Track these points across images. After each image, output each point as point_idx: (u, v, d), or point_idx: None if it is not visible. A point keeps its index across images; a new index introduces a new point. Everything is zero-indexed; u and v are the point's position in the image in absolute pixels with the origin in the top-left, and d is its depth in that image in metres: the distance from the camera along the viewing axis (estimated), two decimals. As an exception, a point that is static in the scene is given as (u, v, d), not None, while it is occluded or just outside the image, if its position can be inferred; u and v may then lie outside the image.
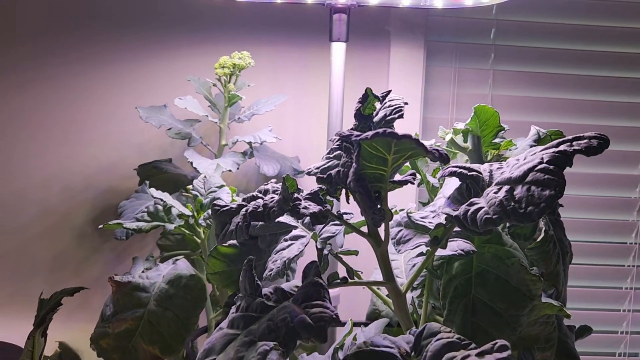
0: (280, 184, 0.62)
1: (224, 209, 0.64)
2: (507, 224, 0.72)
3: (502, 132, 0.86)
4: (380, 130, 0.53)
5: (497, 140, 0.86)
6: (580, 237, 1.29)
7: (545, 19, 1.25)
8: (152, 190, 0.87)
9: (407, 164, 0.88)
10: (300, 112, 1.21)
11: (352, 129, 0.66)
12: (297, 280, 0.63)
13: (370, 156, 0.58)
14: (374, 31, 1.20)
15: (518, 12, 1.23)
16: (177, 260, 0.91)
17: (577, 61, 1.26)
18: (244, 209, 0.61)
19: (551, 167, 0.57)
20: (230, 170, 1.01)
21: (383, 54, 1.21)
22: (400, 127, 0.81)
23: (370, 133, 0.54)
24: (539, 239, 0.77)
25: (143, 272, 0.91)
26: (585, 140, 0.59)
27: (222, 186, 0.89)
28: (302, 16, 1.18)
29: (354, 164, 0.57)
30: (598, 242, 1.31)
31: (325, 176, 0.60)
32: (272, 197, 0.61)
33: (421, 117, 1.22)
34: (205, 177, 0.91)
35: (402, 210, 0.76)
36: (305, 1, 1.01)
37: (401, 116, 0.67)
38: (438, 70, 1.23)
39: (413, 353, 0.55)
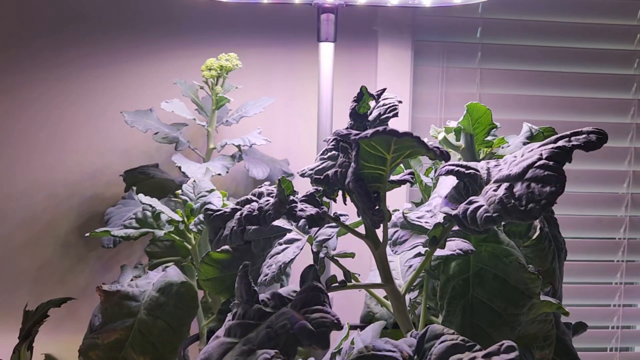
0: (275, 186, 0.60)
1: (217, 213, 0.63)
2: (503, 222, 0.72)
3: (495, 129, 0.85)
4: (380, 128, 0.52)
5: (489, 138, 0.85)
6: (570, 233, 1.29)
7: (531, 17, 1.25)
8: (141, 196, 0.85)
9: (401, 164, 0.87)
10: (289, 113, 1.19)
11: (347, 128, 0.65)
12: (293, 285, 0.61)
13: (369, 155, 0.57)
14: (361, 31, 1.19)
15: (504, 10, 1.23)
16: (167, 267, 0.89)
17: (563, 58, 1.26)
18: (238, 213, 0.60)
19: (551, 163, 0.57)
20: (219, 174, 0.99)
21: (371, 53, 1.20)
22: (390, 126, 0.81)
23: (370, 131, 0.52)
24: (534, 237, 0.76)
25: (132, 280, 0.88)
26: (584, 136, 0.58)
27: (212, 190, 0.87)
28: (290, 16, 1.17)
29: (352, 164, 0.55)
30: (587, 238, 1.32)
31: (322, 177, 0.59)
32: (267, 200, 0.60)
33: (410, 116, 1.21)
34: (194, 181, 0.89)
35: (396, 211, 0.75)
36: (293, 1, 0.99)
37: (396, 114, 0.66)
38: (426, 69, 1.23)
39: (416, 356, 0.54)
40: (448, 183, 0.71)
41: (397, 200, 1.13)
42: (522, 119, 1.20)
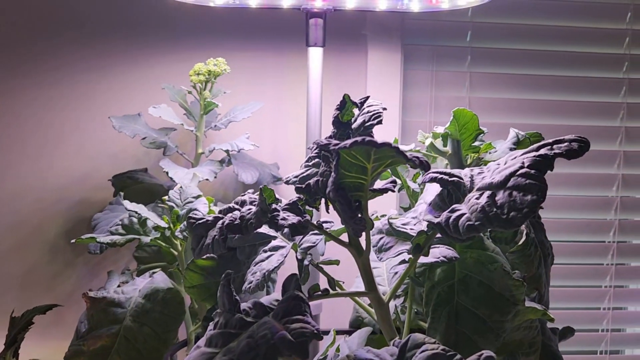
0: (258, 194, 0.60)
1: (200, 221, 0.62)
2: (491, 229, 0.72)
3: (482, 135, 0.85)
4: (359, 138, 0.52)
5: (476, 143, 0.85)
6: (559, 237, 1.29)
7: (521, 21, 1.25)
8: (126, 202, 0.85)
9: (388, 169, 0.87)
10: (278, 118, 1.19)
11: (330, 136, 0.65)
12: (277, 294, 0.61)
13: (350, 165, 0.56)
14: (351, 35, 1.19)
15: (493, 14, 1.23)
16: (153, 273, 0.89)
17: (552, 62, 1.27)
18: (220, 222, 0.59)
19: (532, 171, 0.57)
20: (207, 179, 0.98)
21: (360, 58, 1.20)
22: (379, 131, 0.81)
23: (349, 142, 0.52)
24: (520, 243, 0.76)
25: (119, 286, 0.88)
26: (566, 144, 0.58)
27: (198, 196, 0.87)
28: (278, 21, 1.16)
29: (332, 174, 0.55)
30: (577, 242, 1.32)
31: (304, 186, 0.59)
32: (250, 209, 0.60)
33: (400, 120, 1.21)
34: (181, 187, 0.89)
35: (384, 216, 0.75)
36: (281, 6, 0.99)
37: (380, 122, 0.66)
38: (416, 73, 1.23)
39: (398, 365, 0.54)
40: (434, 189, 0.71)
41: (386, 205, 1.13)
42: (512, 122, 1.21)
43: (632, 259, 1.35)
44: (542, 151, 0.58)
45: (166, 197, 0.89)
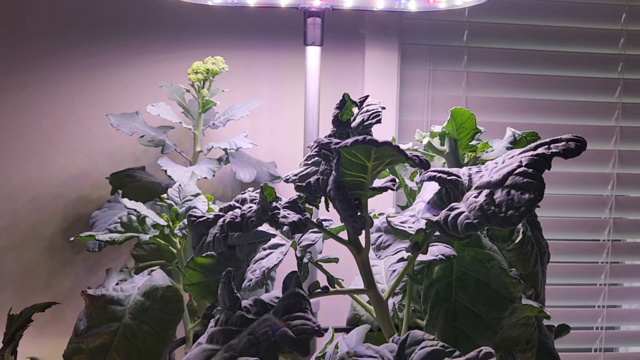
0: (258, 192, 0.61)
1: (201, 219, 0.63)
2: (490, 228, 0.72)
3: (479, 134, 0.86)
4: (360, 137, 0.53)
5: (473, 142, 0.86)
6: (555, 235, 1.30)
7: (517, 21, 1.26)
8: (125, 200, 0.85)
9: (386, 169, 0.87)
10: (276, 116, 1.20)
11: (330, 135, 0.65)
12: (277, 291, 0.61)
13: (350, 163, 0.57)
14: (348, 35, 1.19)
15: (490, 14, 1.24)
16: (152, 271, 0.89)
17: (548, 62, 1.27)
18: (221, 220, 0.60)
19: (530, 170, 0.57)
20: (205, 178, 0.99)
21: (358, 57, 1.20)
22: (376, 130, 0.81)
23: (349, 140, 0.53)
24: (517, 241, 0.77)
25: (117, 284, 0.88)
26: (563, 143, 0.59)
27: (197, 194, 0.87)
28: (276, 20, 1.17)
29: (333, 172, 0.56)
30: (572, 240, 1.33)
31: (304, 184, 0.59)
32: (250, 207, 0.60)
33: (397, 119, 1.22)
34: (180, 185, 0.89)
35: (381, 214, 0.76)
36: (279, 5, 1.00)
37: (379, 121, 0.66)
38: (413, 72, 1.24)
39: (397, 362, 0.54)
40: (432, 188, 0.72)
41: (383, 203, 1.14)
42: (509, 121, 1.21)
43: (626, 257, 1.36)
44: (540, 150, 0.59)
45: (165, 195, 0.89)
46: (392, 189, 0.60)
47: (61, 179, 1.16)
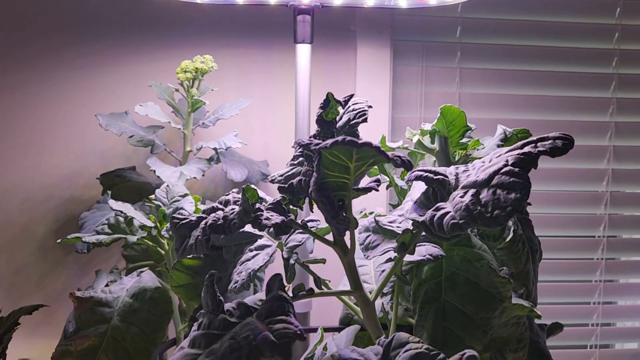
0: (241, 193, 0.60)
1: (183, 222, 0.62)
2: (470, 229, 0.72)
3: (469, 132, 0.85)
4: (340, 138, 0.52)
5: (464, 140, 0.85)
6: (550, 232, 1.29)
7: (510, 16, 1.25)
8: (112, 202, 0.84)
9: (375, 166, 0.87)
10: (267, 115, 1.19)
11: (314, 135, 0.64)
12: (261, 294, 0.61)
13: (332, 164, 0.56)
14: (339, 32, 1.18)
15: (483, 9, 1.23)
16: (141, 272, 0.88)
17: (542, 57, 1.26)
18: (203, 222, 0.59)
19: (516, 169, 0.56)
20: (195, 178, 0.98)
21: (350, 54, 1.19)
22: (369, 128, 0.80)
23: (329, 141, 0.52)
24: (507, 239, 0.76)
25: (106, 285, 0.88)
26: (550, 141, 0.58)
27: (185, 195, 0.87)
28: (266, 18, 1.16)
29: (314, 173, 0.55)
30: (567, 237, 1.32)
31: (287, 185, 0.58)
32: (233, 209, 0.59)
33: (390, 117, 1.21)
34: (168, 186, 0.88)
35: (372, 213, 0.75)
36: (268, 2, 0.99)
37: (365, 120, 0.65)
38: (405, 69, 1.23)
39: (382, 365, 0.54)
40: (420, 187, 0.71)
41: (376, 202, 1.13)
42: (502, 118, 1.21)
43: (622, 254, 1.36)
44: (526, 149, 0.58)
45: (153, 196, 0.88)
46: (376, 190, 0.59)
47: (52, 180, 1.15)
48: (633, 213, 1.34)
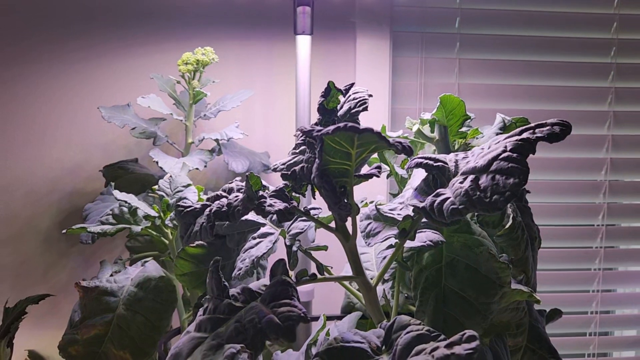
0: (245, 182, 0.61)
1: (188, 209, 0.63)
2: (476, 213, 0.73)
3: (469, 120, 0.86)
4: (342, 124, 0.53)
5: (463, 129, 0.86)
6: (549, 220, 1.31)
7: (509, 7, 1.26)
8: (116, 192, 0.85)
9: (376, 155, 0.88)
10: (268, 106, 1.20)
11: (316, 123, 0.65)
12: (265, 279, 0.62)
13: (334, 151, 0.57)
14: (339, 23, 1.19)
15: (481, 0, 1.24)
16: (145, 262, 0.90)
17: (541, 47, 1.27)
18: (207, 209, 0.60)
19: (514, 155, 0.57)
20: (197, 169, 0.99)
21: (349, 45, 1.20)
22: (368, 118, 0.81)
23: (331, 128, 0.53)
24: (507, 226, 0.77)
25: (111, 275, 0.89)
26: (548, 127, 0.59)
27: (188, 185, 0.88)
28: (266, 9, 1.16)
29: (317, 160, 0.56)
30: (566, 226, 1.33)
31: (289, 173, 0.59)
32: (237, 196, 0.60)
33: (389, 107, 1.22)
34: (171, 176, 0.89)
35: (372, 202, 0.76)
36: (268, -6, 0.99)
37: (365, 109, 0.66)
38: (405, 60, 1.23)
39: (384, 347, 0.55)
40: (421, 175, 0.72)
41: (376, 191, 1.14)
42: (501, 108, 1.21)
43: (620, 242, 1.37)
44: (525, 135, 0.59)
45: (156, 187, 0.89)
46: (377, 176, 0.60)
47: (56, 172, 1.16)
48: (631, 201, 1.35)
